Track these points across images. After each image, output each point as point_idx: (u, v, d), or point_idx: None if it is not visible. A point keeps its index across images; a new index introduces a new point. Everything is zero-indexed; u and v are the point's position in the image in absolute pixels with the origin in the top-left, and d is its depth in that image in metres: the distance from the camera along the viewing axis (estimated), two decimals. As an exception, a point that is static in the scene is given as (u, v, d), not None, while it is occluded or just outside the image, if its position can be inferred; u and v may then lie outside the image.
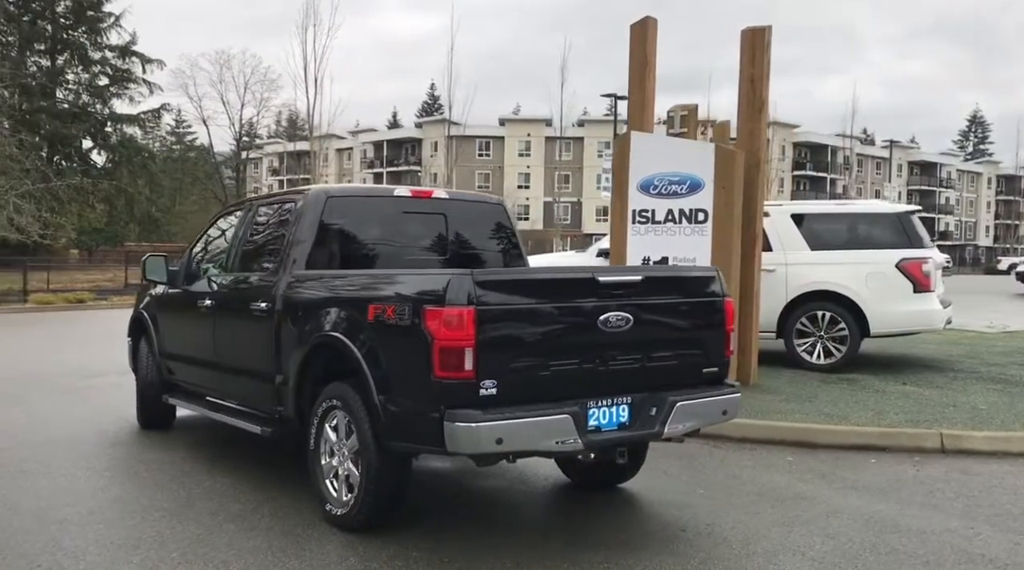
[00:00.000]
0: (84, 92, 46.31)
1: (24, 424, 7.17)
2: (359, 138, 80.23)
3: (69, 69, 46.20)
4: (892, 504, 5.18)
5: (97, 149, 46.38)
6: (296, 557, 4.09)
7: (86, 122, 44.83)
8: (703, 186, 8.32)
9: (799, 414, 7.29)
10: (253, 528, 4.51)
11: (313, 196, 5.26)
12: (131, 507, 4.85)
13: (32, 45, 44.50)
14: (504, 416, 3.83)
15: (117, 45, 47.28)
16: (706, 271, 4.93)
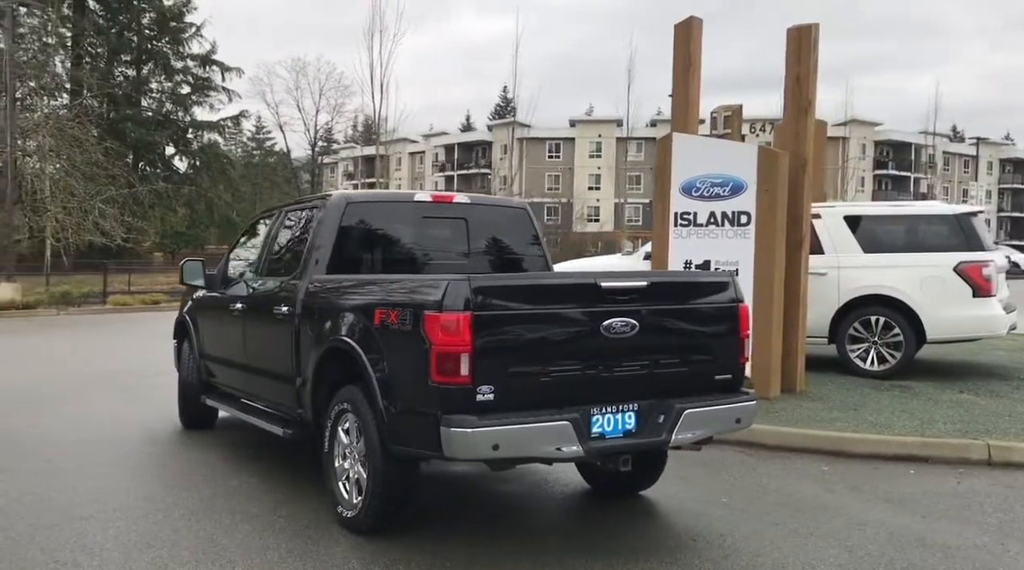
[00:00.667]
0: (167, 100, 47.95)
1: (72, 422, 7.47)
2: (431, 142, 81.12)
3: (153, 78, 47.93)
4: (922, 517, 5.00)
5: (179, 155, 47.98)
6: (301, 558, 4.18)
7: (169, 129, 46.43)
8: (746, 188, 8.16)
9: (841, 422, 7.08)
10: (267, 528, 4.62)
11: (333, 202, 5.36)
12: (156, 506, 5.00)
13: (119, 56, 46.34)
14: (501, 422, 3.84)
15: (198, 54, 48.86)
16: (720, 276, 4.84)
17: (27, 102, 39.65)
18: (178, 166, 48.34)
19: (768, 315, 8.01)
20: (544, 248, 6.09)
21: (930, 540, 4.60)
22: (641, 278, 4.37)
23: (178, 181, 46.49)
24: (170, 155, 47.85)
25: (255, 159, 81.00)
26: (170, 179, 46.01)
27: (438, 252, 5.72)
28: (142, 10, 46.53)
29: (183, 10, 47.84)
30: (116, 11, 46.70)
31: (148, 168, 45.88)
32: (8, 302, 19.27)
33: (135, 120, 44.87)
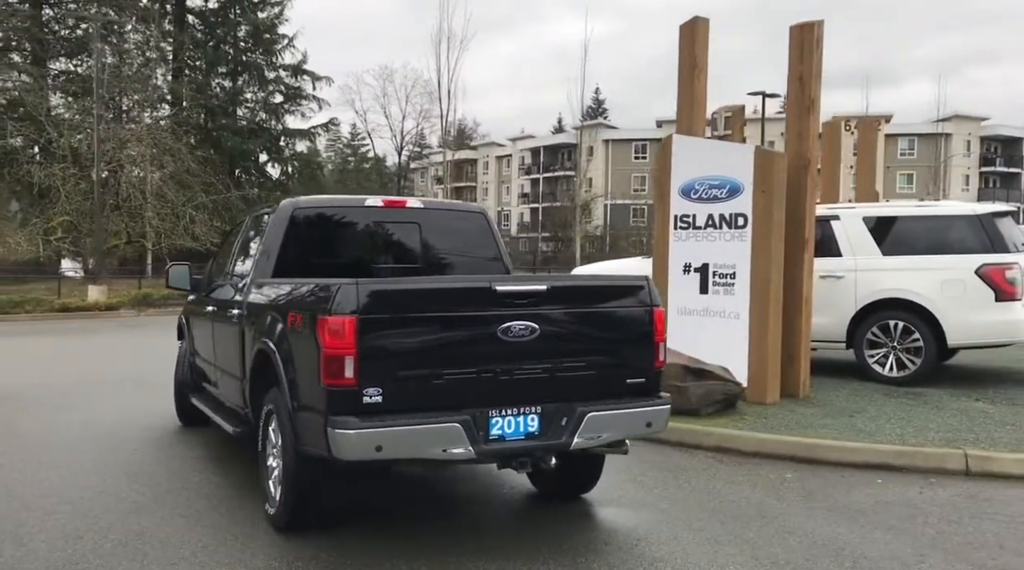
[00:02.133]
0: (260, 110, 49.73)
1: (84, 419, 7.90)
2: (517, 145, 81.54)
3: (247, 88, 49.75)
4: (859, 527, 4.87)
5: (272, 162, 49.70)
6: (212, 552, 4.34)
7: (262, 137, 48.11)
8: (743, 190, 8.04)
9: (828, 429, 6.91)
10: (199, 524, 4.80)
11: (281, 208, 5.58)
12: (107, 500, 5.26)
13: (216, 68, 48.30)
14: (385, 423, 3.92)
15: (290, 64, 50.44)
16: (633, 280, 4.81)
17: (131, 114, 42.00)
18: (271, 173, 50.04)
19: (764, 319, 7.89)
20: (502, 251, 6.12)
21: (849, 551, 4.49)
22: (541, 282, 4.40)
23: (271, 187, 48.23)
24: (263, 162, 49.57)
25: (350, 165, 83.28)
26: (264, 186, 47.81)
27: (389, 257, 5.83)
28: (238, 23, 48.38)
29: (275, 22, 49.53)
30: (213, 25, 48.74)
31: (243, 175, 47.65)
32: (93, 303, 20.50)
33: (230, 129, 46.67)
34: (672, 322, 8.38)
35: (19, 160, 31.98)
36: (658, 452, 6.68)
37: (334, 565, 4.23)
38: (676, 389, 7.25)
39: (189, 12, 48.62)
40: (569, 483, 5.38)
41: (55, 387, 9.83)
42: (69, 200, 30.95)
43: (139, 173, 34.41)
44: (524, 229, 78.07)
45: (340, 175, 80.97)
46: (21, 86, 37.63)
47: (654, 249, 8.79)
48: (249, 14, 48.68)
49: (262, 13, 49.41)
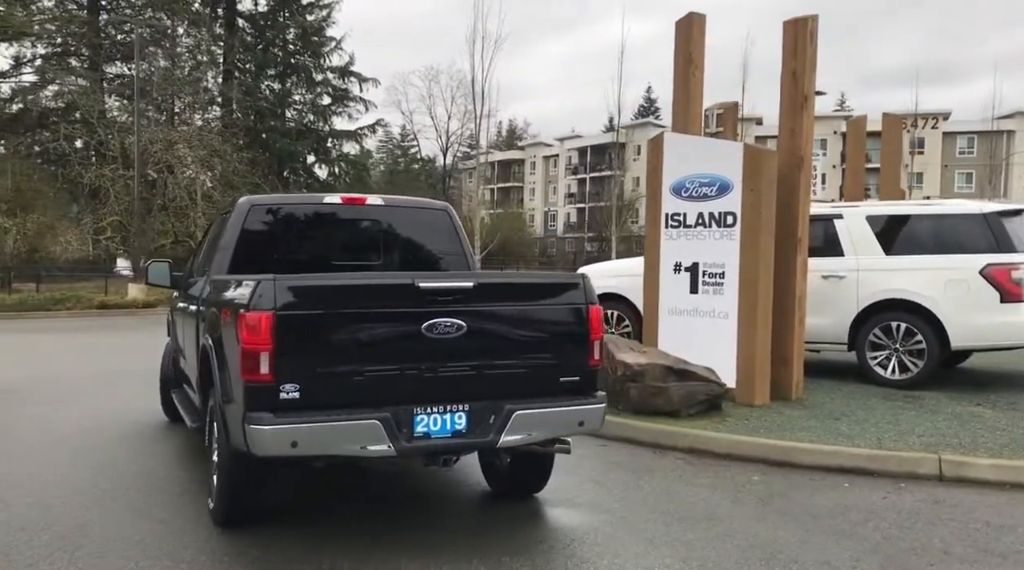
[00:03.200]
0: (308, 111, 50.51)
1: (80, 413, 8.10)
2: (565, 145, 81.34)
3: (296, 90, 50.57)
4: (805, 531, 4.77)
5: (319, 163, 50.43)
6: (142, 545, 4.39)
7: (309, 139, 48.86)
8: (732, 188, 7.93)
9: (809, 432, 6.77)
10: (144, 518, 4.85)
11: (238, 205, 5.66)
12: (63, 493, 5.36)
13: (264, 71, 49.21)
14: (300, 420, 3.94)
15: (337, 66, 51.12)
16: (567, 278, 4.77)
17: (183, 116, 43.05)
18: (319, 174, 50.77)
19: (752, 320, 7.77)
20: (465, 248, 6.10)
21: (784, 555, 4.40)
22: (468, 279, 4.35)
23: (318, 188, 48.94)
24: (311, 163, 50.33)
25: (399, 166, 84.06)
26: (311, 186, 48.54)
27: (348, 254, 5.85)
28: (287, 26, 49.22)
29: (322, 25, 50.23)
30: (263, 28, 49.64)
31: (292, 176, 48.46)
32: (131, 301, 21.07)
33: (279, 131, 47.51)
34: (663, 322, 8.35)
35: (72, 161, 32.99)
36: (630, 453, 6.62)
37: (258, 561, 4.26)
38: (657, 390, 7.22)
39: (239, 16, 49.56)
40: (520, 482, 5.37)
41: (59, 382, 10.12)
42: (118, 200, 31.85)
43: (190, 174, 35.25)
44: (570, 229, 77.90)
45: (390, 176, 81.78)
46: (78, 90, 38.83)
47: (645, 248, 8.72)
48: (297, 17, 49.47)
49: (310, 16, 50.17)
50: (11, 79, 43.11)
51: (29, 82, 42.36)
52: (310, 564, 4.19)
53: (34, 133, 39.93)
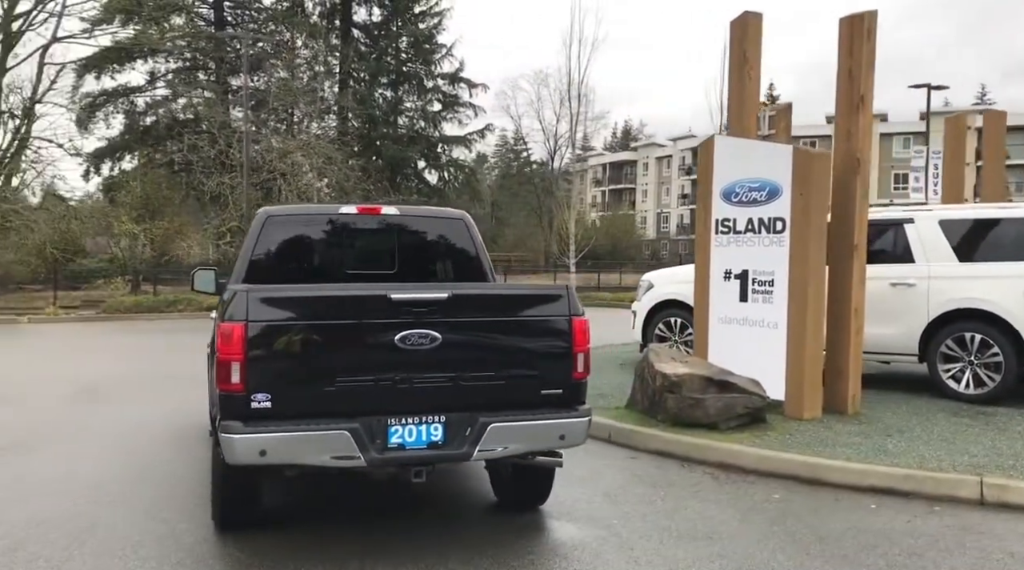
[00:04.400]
0: (419, 118, 51.57)
1: (133, 413, 8.54)
2: (678, 145, 79.83)
3: (407, 98, 51.73)
4: (801, 556, 4.56)
5: (428, 169, 51.41)
6: (143, 545, 4.58)
7: (419, 145, 49.86)
8: (781, 192, 7.64)
9: (853, 449, 6.45)
10: (152, 520, 5.04)
11: (256, 216, 5.85)
12: (94, 491, 5.67)
13: (378, 79, 50.54)
14: (269, 429, 4.01)
15: (448, 73, 51.95)
16: (550, 289, 4.70)
17: (301, 125, 44.76)
18: (429, 179, 51.75)
19: (801, 330, 7.46)
20: (482, 258, 6.08)
21: (771, 578, 4.23)
22: (442, 290, 4.35)
23: (428, 193, 49.92)
24: (421, 169, 51.37)
25: (512, 170, 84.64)
26: (421, 192, 49.56)
27: (364, 264, 5.94)
28: (399, 35, 50.41)
29: (433, 32, 51.19)
30: (377, 38, 51.01)
31: (403, 182, 49.59)
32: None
33: (390, 138, 48.67)
34: (713, 331, 8.15)
35: (195, 170, 34.80)
36: (658, 466, 6.48)
37: (237, 564, 4.38)
38: (694, 401, 7.05)
39: (354, 26, 51.11)
40: (521, 494, 5.33)
41: (140, 382, 10.69)
42: (236, 206, 33.37)
43: (307, 181, 36.60)
44: (683, 230, 76.46)
45: (503, 180, 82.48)
46: (203, 102, 41.01)
47: (696, 255, 8.50)
48: (410, 25, 50.59)
49: (422, 24, 51.23)
50: (146, 93, 45.97)
51: (161, 96, 45.03)
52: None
53: (164, 144, 42.37)
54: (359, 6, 51.17)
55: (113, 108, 45.36)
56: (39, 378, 11.20)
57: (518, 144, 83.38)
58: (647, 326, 10.69)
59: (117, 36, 37.51)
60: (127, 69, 44.50)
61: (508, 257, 61.50)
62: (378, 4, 51.34)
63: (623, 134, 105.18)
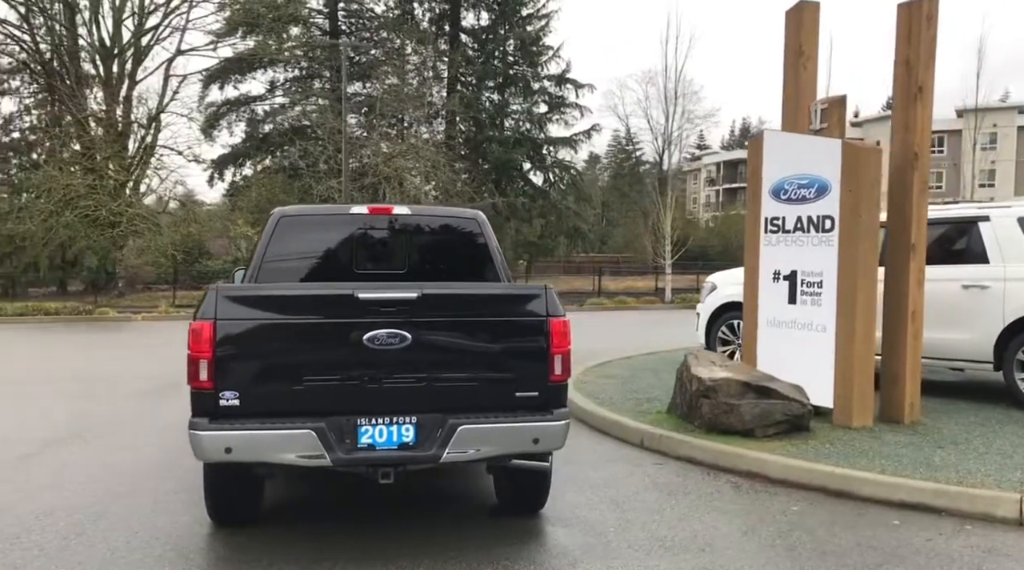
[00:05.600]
0: (525, 120, 51.79)
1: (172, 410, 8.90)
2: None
3: (513, 100, 52.05)
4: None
5: (533, 170, 51.58)
6: (139, 537, 4.72)
7: (525, 146, 50.06)
8: (830, 189, 7.27)
9: (894, 460, 6.07)
10: (160, 513, 5.20)
11: (271, 217, 5.95)
12: (115, 482, 5.90)
13: (484, 82, 51.09)
14: (235, 427, 4.07)
15: (554, 74, 51.98)
16: (526, 289, 4.59)
17: (410, 130, 45.75)
18: (534, 180, 51.91)
19: (849, 334, 7.08)
20: (495, 256, 5.96)
21: (748, 595, 4.02)
22: (412, 290, 4.31)
23: (532, 195, 50.06)
24: (527, 171, 51.59)
25: (624, 170, 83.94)
26: (525, 193, 49.76)
27: (373, 263, 5.96)
28: (507, 38, 50.79)
29: (540, 34, 51.33)
30: (484, 42, 51.52)
31: (508, 184, 49.93)
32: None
33: (496, 140, 49.07)
34: (761, 334, 7.87)
35: (305, 174, 36.07)
36: (681, 473, 6.27)
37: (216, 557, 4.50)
38: (729, 407, 6.81)
39: (463, 31, 51.84)
40: (517, 498, 5.24)
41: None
42: (343, 210, 34.43)
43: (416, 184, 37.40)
44: (802, 231, 73.68)
45: (613, 181, 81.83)
46: (317, 109, 42.48)
47: (745, 255, 8.18)
48: (517, 28, 50.90)
49: (529, 27, 51.45)
50: (266, 102, 48.00)
51: (279, 104, 46.92)
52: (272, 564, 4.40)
53: (280, 150, 44.17)
54: (467, 11, 51.89)
55: (235, 117, 47.62)
56: (124, 373, 11.82)
57: (629, 144, 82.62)
58: (710, 329, 10.37)
59: (237, 48, 39.19)
60: (248, 79, 46.62)
61: (616, 258, 60.97)
62: (486, 8, 51.93)
63: (741, 132, 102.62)
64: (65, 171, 30.43)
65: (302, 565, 4.36)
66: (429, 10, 51.63)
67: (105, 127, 32.46)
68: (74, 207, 29.22)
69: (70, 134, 33.35)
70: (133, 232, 31.09)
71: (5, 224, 29.74)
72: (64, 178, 29.59)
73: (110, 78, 33.87)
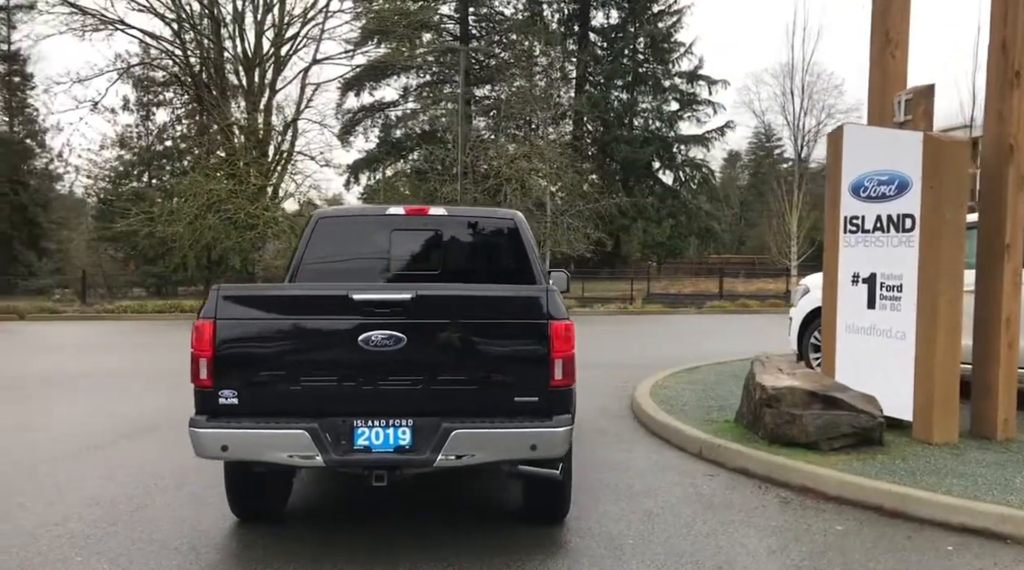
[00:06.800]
0: (654, 118, 51.02)
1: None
2: (952, 136, 72.38)
3: (643, 99, 51.39)
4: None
5: (663, 169, 50.74)
6: (161, 529, 4.90)
7: (653, 145, 49.34)
8: (911, 186, 6.75)
9: (970, 480, 5.56)
10: (192, 504, 5.39)
11: (311, 218, 6.06)
12: (164, 475, 6.11)
13: (613, 81, 50.70)
14: (231, 425, 4.15)
15: (686, 71, 51.05)
16: (525, 291, 4.43)
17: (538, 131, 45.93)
18: (664, 179, 51.05)
19: (931, 342, 6.56)
20: (531, 256, 5.87)
21: (748, 619, 3.76)
22: (406, 291, 4.26)
23: (661, 194, 49.24)
24: (656, 170, 50.82)
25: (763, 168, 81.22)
26: (655, 192, 48.98)
27: (409, 265, 5.94)
28: (636, 36, 50.23)
29: (671, 31, 50.47)
30: (613, 40, 51.19)
31: (637, 184, 49.31)
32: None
33: (623, 140, 48.62)
34: (840, 341, 7.47)
35: (430, 177, 36.86)
36: (731, 486, 5.97)
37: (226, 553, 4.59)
38: (791, 418, 6.46)
39: (591, 31, 51.64)
40: (533, 507, 5.08)
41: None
42: (466, 212, 34.93)
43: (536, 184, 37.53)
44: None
45: (753, 179, 79.26)
46: (447, 112, 43.38)
47: (824, 257, 7.70)
48: (647, 26, 50.26)
49: (660, 23, 50.70)
50: (398, 107, 49.44)
51: (410, 109, 48.22)
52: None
53: (410, 154, 45.36)
54: (596, 10, 51.71)
55: (370, 122, 49.26)
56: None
57: (768, 141, 79.87)
58: (802, 335, 9.85)
59: (370, 55, 40.46)
60: (382, 86, 48.12)
61: (751, 260, 59.10)
62: (616, 6, 51.59)
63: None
64: (211, 177, 32.30)
65: (304, 564, 4.41)
66: (558, 11, 51.77)
67: (246, 135, 34.27)
68: (216, 210, 30.98)
69: (216, 142, 35.44)
70: (273, 234, 32.64)
71: (156, 226, 31.89)
72: (208, 183, 31.40)
73: (252, 88, 35.71)
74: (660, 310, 26.40)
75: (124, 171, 37.85)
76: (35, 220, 41.30)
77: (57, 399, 9.92)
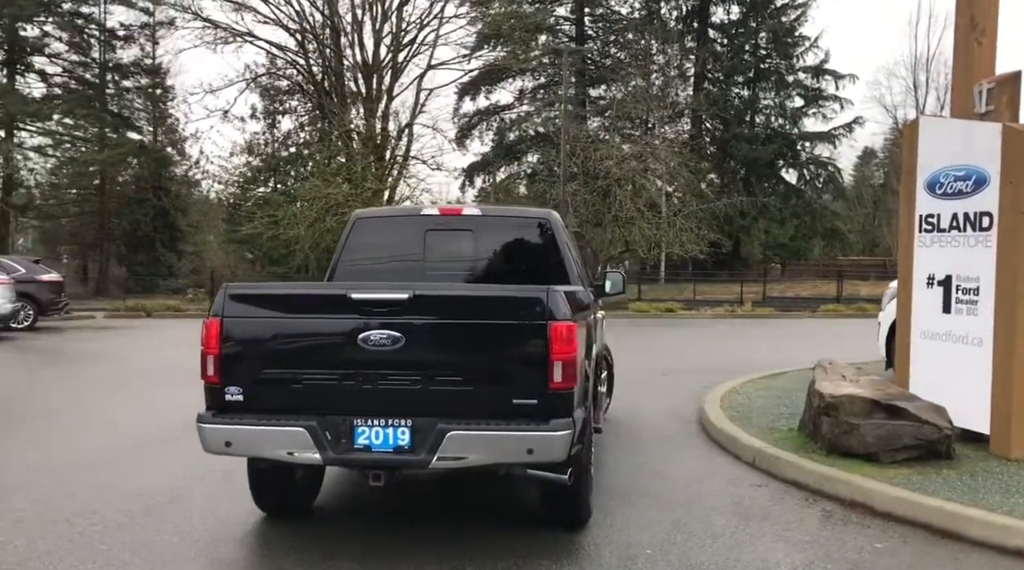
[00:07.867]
0: (776, 115, 49.33)
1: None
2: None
3: (764, 95, 49.80)
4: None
5: (785, 167, 49.01)
6: (181, 520, 5.05)
7: (775, 143, 47.67)
8: (988, 181, 6.27)
9: (1008, 496, 5.14)
10: (222, 497, 5.51)
11: (350, 218, 6.15)
12: (201, 473, 6.13)
13: (733, 78, 49.37)
14: (234, 422, 4.24)
15: (810, 66, 49.12)
16: (524, 292, 4.29)
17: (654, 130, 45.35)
18: (786, 178, 49.34)
19: (1009, 350, 6.09)
20: (565, 256, 5.79)
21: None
22: (404, 291, 4.24)
23: (784, 193, 47.59)
24: (779, 168, 49.14)
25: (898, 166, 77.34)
26: (777, 191, 47.38)
27: (443, 264, 5.92)
28: (758, 31, 48.72)
29: (794, 25, 48.76)
30: (733, 36, 49.81)
31: (758, 183, 47.77)
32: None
33: (743, 138, 47.18)
34: (915, 347, 7.10)
35: (540, 179, 36.97)
36: (777, 497, 5.70)
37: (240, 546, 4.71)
38: (849, 427, 6.14)
39: (711, 27, 50.46)
40: (550, 512, 4.96)
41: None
42: (576, 213, 34.77)
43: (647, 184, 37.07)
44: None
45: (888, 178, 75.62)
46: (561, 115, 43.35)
47: (899, 258, 7.25)
48: (769, 20, 48.64)
49: (783, 18, 49.00)
50: (513, 110, 49.76)
51: (525, 112, 48.46)
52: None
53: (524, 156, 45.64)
54: (716, 6, 50.49)
55: (485, 126, 49.80)
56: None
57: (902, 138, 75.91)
58: (890, 340, 9.30)
59: (485, 59, 40.93)
60: (497, 89, 48.57)
61: (883, 261, 56.36)
62: (737, 2, 50.21)
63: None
64: (330, 181, 33.46)
65: (314, 563, 4.49)
66: (676, 8, 50.87)
67: (363, 140, 35.35)
68: (334, 213, 32.06)
69: (335, 148, 36.70)
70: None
71: (279, 229, 33.28)
72: (326, 188, 32.54)
73: (370, 94, 36.80)
74: (769, 313, 25.55)
75: (252, 177, 39.68)
76: (175, 224, 43.88)
77: (149, 392, 10.49)
